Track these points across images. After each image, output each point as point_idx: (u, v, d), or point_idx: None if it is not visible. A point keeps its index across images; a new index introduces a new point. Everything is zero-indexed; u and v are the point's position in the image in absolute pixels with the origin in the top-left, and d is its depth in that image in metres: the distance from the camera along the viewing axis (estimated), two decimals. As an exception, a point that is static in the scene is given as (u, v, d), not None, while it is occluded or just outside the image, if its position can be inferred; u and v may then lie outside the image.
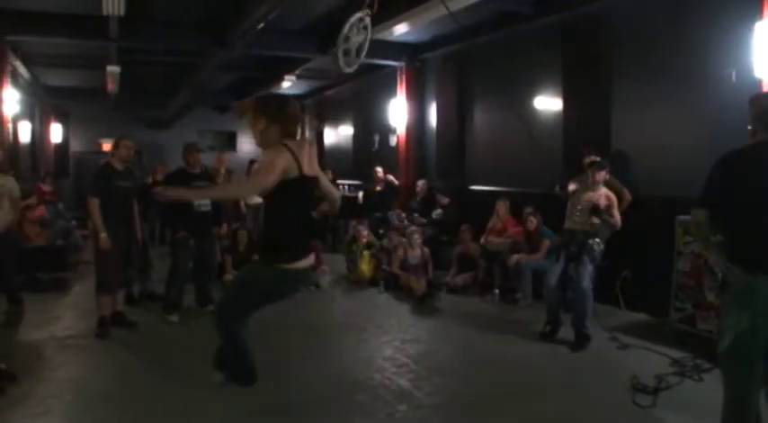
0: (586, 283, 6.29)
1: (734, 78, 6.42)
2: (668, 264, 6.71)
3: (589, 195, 6.47)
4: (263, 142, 3.80)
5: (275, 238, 3.76)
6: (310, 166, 3.78)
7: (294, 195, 3.68)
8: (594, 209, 6.33)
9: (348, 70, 6.67)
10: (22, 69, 13.02)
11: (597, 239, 6.38)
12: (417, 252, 9.05)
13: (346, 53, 6.51)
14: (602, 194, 6.51)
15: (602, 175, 6.55)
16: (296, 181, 3.62)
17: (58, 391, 5.05)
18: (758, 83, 6.02)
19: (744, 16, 6.21)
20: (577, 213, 6.47)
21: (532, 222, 8.23)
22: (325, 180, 4.13)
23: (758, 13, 5.97)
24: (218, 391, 5.09)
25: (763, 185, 3.35)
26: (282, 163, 3.55)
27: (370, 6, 6.28)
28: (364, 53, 6.59)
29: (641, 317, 7.32)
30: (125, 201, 6.78)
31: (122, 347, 6.34)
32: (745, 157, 3.44)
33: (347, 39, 6.42)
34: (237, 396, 4.99)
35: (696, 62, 6.99)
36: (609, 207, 6.45)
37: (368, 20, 6.41)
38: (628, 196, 7.17)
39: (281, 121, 3.75)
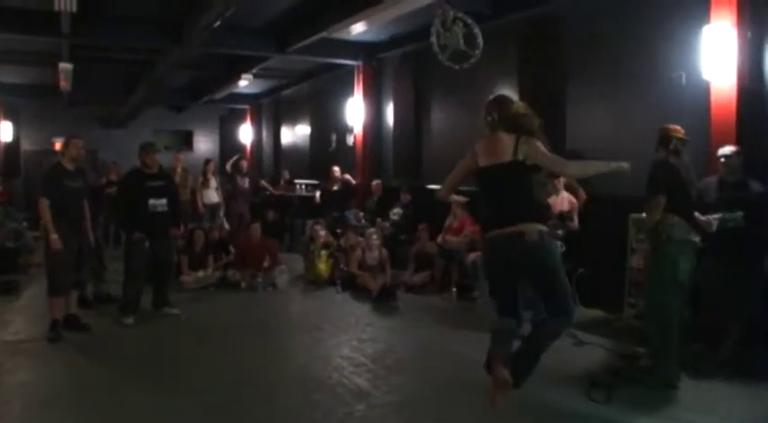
0: None
1: (684, 81, 6.58)
2: (622, 261, 6.84)
3: (553, 200, 6.62)
4: None
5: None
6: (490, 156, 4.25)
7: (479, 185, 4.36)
8: (561, 216, 6.46)
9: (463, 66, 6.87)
10: (-31, 66, 12.70)
11: (559, 242, 6.51)
12: (375, 253, 9.06)
13: (453, 57, 6.68)
14: (565, 199, 6.71)
15: (562, 181, 6.75)
16: (476, 174, 4.32)
17: (9, 397, 4.95)
18: (706, 85, 6.18)
19: (693, 20, 6.37)
20: None
21: (489, 221, 8.30)
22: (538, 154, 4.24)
23: (706, 17, 6.13)
24: (173, 392, 5.06)
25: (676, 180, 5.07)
26: (463, 163, 4.50)
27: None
28: (479, 42, 6.76)
29: (596, 313, 7.43)
30: (76, 201, 6.66)
31: (76, 351, 6.23)
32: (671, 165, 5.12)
33: (444, 48, 6.60)
34: (191, 397, 4.96)
35: (648, 65, 7.13)
36: (570, 211, 6.61)
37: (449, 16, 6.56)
38: (583, 195, 7.29)
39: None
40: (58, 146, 16.77)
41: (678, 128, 5.23)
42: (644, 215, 6.34)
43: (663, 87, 6.87)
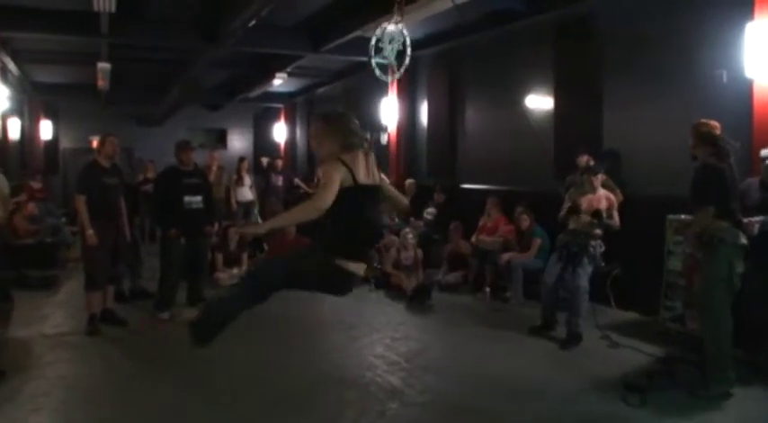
0: (584, 282, 6.33)
1: (725, 79, 6.45)
2: (658, 262, 6.73)
3: (590, 198, 6.53)
4: (321, 156, 3.96)
5: (338, 236, 3.86)
6: (367, 176, 3.85)
7: (351, 203, 3.77)
8: (596, 214, 6.36)
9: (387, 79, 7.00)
10: (11, 65, 12.93)
11: (599, 241, 6.44)
12: (410, 253, 9.02)
13: (381, 66, 6.73)
14: (603, 196, 6.61)
15: (599, 178, 6.65)
16: (351, 190, 3.73)
17: (48, 389, 5.03)
18: (749, 83, 6.05)
19: (735, 17, 6.24)
20: (581, 215, 6.51)
21: (525, 220, 8.23)
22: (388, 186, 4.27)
23: (749, 14, 6.00)
24: (206, 387, 5.10)
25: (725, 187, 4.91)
26: (338, 176, 3.68)
27: (399, 9, 6.40)
28: (404, 64, 6.87)
29: (631, 315, 7.33)
30: (112, 198, 6.76)
31: (113, 345, 6.32)
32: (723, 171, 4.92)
33: (379, 50, 6.61)
34: (226, 393, 5.00)
35: (687, 62, 7.02)
36: (609, 208, 6.51)
37: (398, 27, 6.60)
38: (619, 196, 7.14)
39: (336, 134, 3.88)
40: (94, 144, 17.08)
41: (716, 123, 5.10)
42: (683, 217, 6.26)
43: (703, 85, 6.75)
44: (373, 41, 6.89)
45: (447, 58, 11.52)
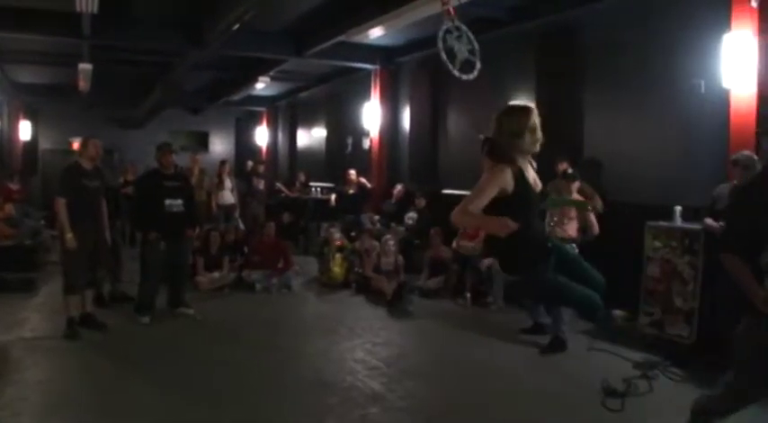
0: None
1: (703, 89, 6.54)
2: (637, 269, 6.80)
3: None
4: None
5: None
6: None
7: None
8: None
9: (469, 77, 6.92)
10: (-10, 65, 12.83)
11: (573, 245, 6.48)
12: (391, 259, 9.06)
13: (462, 67, 6.70)
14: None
15: (576, 185, 6.72)
16: None
17: (26, 394, 4.98)
18: (726, 93, 6.15)
19: (713, 28, 6.34)
20: (554, 220, 6.57)
21: (506, 226, 8.27)
22: None
23: (726, 25, 6.10)
24: (186, 392, 5.09)
25: None
26: None
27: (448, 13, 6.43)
28: (478, 55, 6.93)
29: (611, 321, 7.40)
30: (93, 200, 6.70)
31: (92, 349, 6.27)
32: None
33: (452, 54, 6.64)
34: (204, 397, 4.99)
35: (666, 72, 7.11)
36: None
37: (456, 25, 6.62)
38: (599, 202, 7.19)
39: None
40: (75, 145, 16.94)
41: None
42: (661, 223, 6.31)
43: (681, 94, 6.84)
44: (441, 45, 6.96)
45: (430, 63, 11.54)
